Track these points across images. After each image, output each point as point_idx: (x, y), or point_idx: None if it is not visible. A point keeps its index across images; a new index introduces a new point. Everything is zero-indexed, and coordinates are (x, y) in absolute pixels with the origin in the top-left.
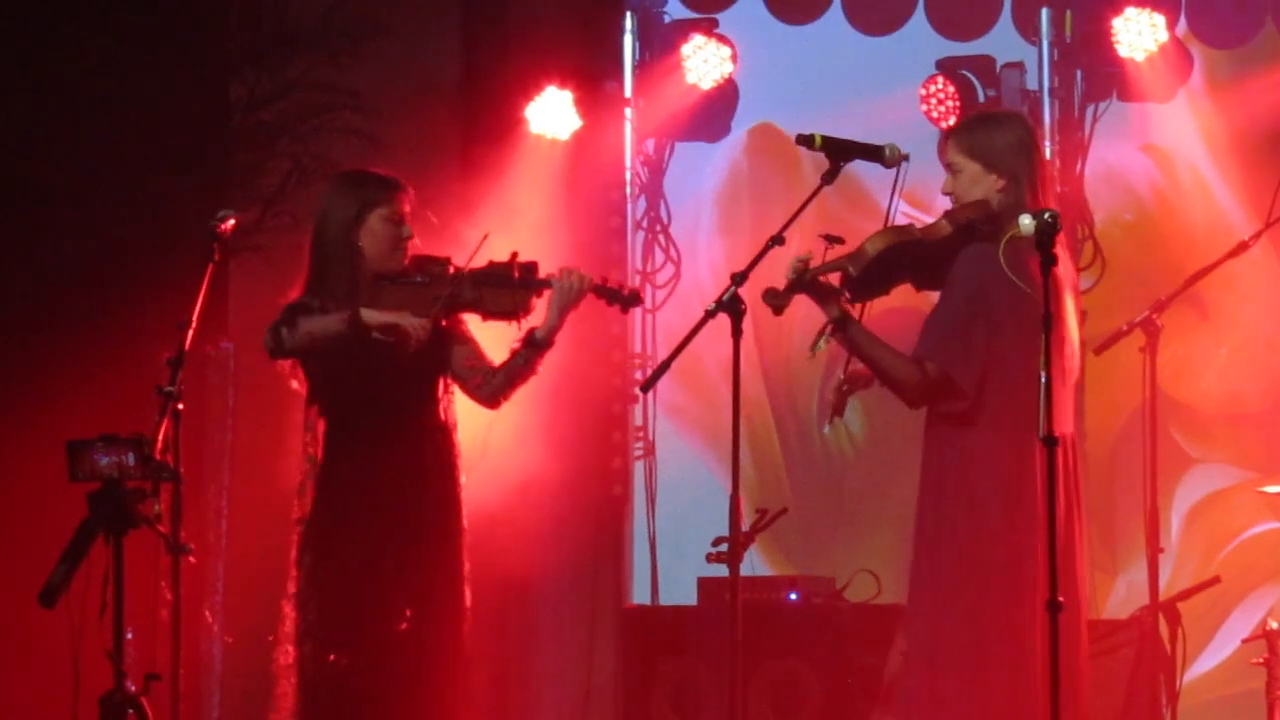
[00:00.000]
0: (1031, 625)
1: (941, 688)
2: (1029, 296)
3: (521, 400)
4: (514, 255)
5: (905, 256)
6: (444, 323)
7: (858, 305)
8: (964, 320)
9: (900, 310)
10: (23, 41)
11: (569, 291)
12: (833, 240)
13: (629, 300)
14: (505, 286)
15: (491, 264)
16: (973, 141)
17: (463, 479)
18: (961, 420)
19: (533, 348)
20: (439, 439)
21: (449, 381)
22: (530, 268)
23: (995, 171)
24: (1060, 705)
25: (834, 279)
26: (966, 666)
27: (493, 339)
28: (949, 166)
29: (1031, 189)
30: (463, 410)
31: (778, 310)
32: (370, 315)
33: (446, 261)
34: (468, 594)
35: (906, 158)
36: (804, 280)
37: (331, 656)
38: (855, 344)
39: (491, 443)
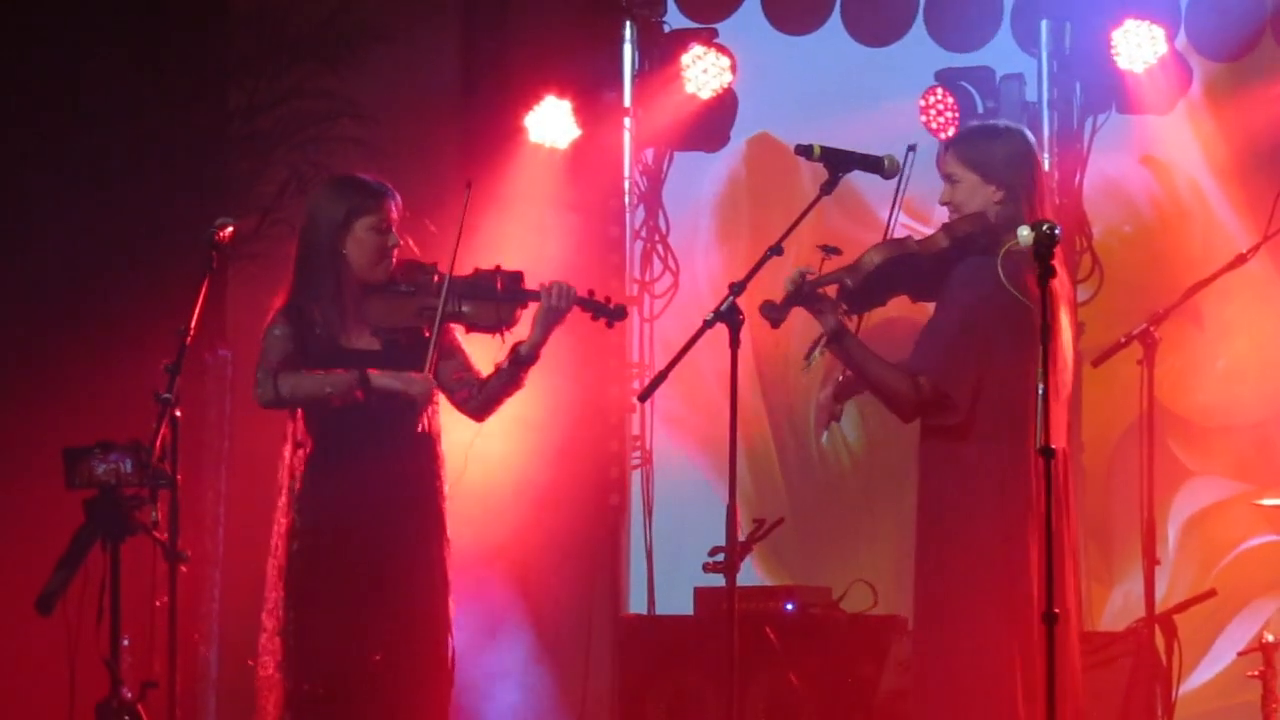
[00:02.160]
0: (1029, 640)
1: (947, 704)
2: (1024, 309)
3: (519, 410)
4: (497, 266)
5: (902, 269)
6: (427, 334)
7: (854, 316)
8: (958, 334)
9: (898, 320)
10: (20, 48)
11: (554, 307)
12: (830, 251)
13: (614, 314)
14: (490, 299)
15: (478, 273)
16: (971, 152)
17: (446, 489)
18: (955, 434)
19: (517, 364)
20: (423, 449)
21: (435, 392)
22: (515, 278)
23: (993, 183)
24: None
25: (831, 291)
26: (971, 684)
27: (479, 347)
28: (948, 177)
29: (1029, 202)
30: (449, 420)
31: (775, 324)
32: (379, 380)
33: (434, 268)
34: (452, 606)
35: (912, 149)
36: (802, 293)
37: (308, 675)
38: (851, 358)
39: (481, 452)
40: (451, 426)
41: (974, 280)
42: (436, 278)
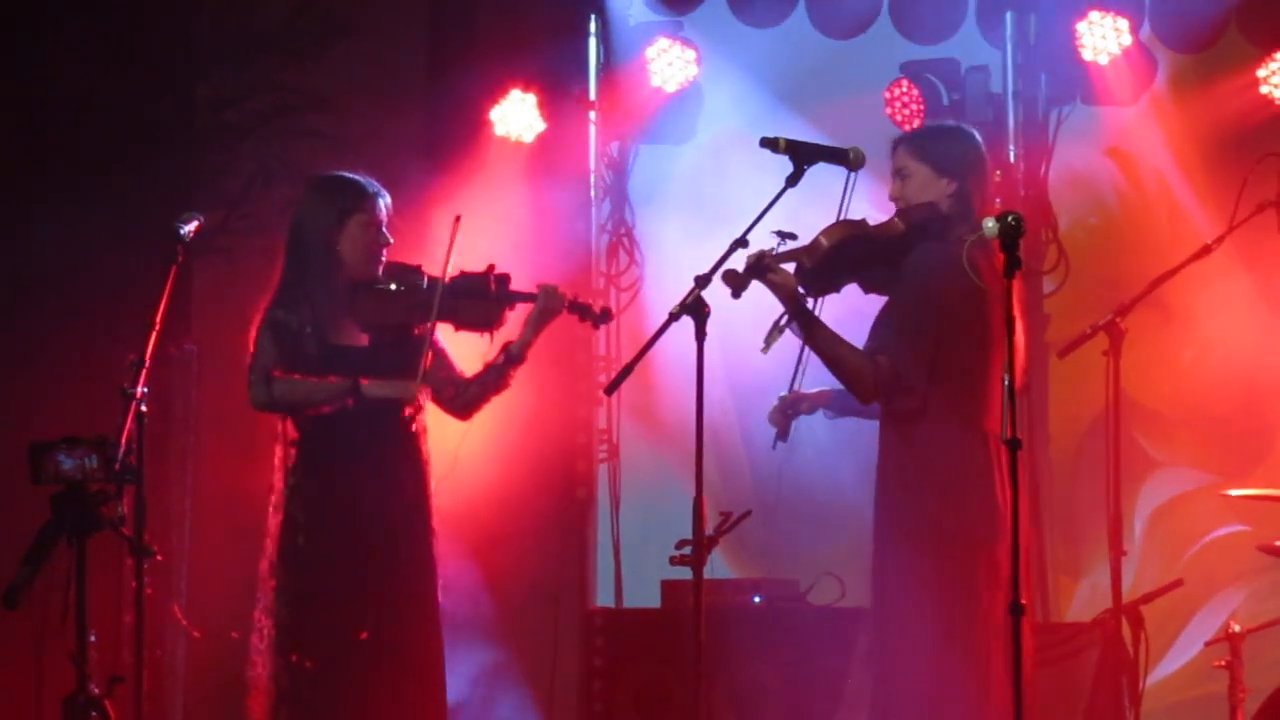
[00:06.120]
0: (988, 617)
1: (904, 688)
2: (983, 298)
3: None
4: (490, 267)
5: (857, 253)
6: (416, 332)
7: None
8: (915, 318)
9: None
10: None
11: (548, 308)
12: (786, 237)
13: (600, 318)
14: (481, 298)
15: (465, 274)
16: (925, 146)
17: (433, 486)
18: (910, 417)
19: (509, 362)
20: (409, 446)
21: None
22: (505, 280)
23: (946, 175)
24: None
25: (790, 270)
26: (927, 667)
27: (463, 350)
28: (898, 171)
29: (978, 198)
30: (434, 420)
31: (736, 292)
32: (371, 389)
33: (419, 270)
34: (441, 599)
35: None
36: (762, 265)
37: (309, 664)
38: (812, 335)
39: (447, 446)
40: (437, 429)
41: (932, 265)
42: (425, 279)
